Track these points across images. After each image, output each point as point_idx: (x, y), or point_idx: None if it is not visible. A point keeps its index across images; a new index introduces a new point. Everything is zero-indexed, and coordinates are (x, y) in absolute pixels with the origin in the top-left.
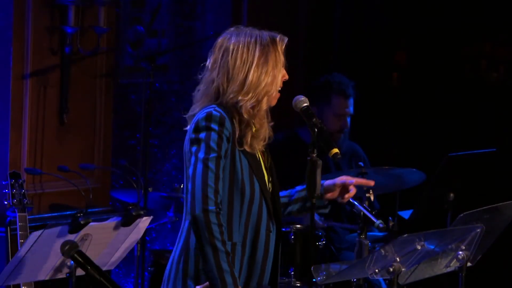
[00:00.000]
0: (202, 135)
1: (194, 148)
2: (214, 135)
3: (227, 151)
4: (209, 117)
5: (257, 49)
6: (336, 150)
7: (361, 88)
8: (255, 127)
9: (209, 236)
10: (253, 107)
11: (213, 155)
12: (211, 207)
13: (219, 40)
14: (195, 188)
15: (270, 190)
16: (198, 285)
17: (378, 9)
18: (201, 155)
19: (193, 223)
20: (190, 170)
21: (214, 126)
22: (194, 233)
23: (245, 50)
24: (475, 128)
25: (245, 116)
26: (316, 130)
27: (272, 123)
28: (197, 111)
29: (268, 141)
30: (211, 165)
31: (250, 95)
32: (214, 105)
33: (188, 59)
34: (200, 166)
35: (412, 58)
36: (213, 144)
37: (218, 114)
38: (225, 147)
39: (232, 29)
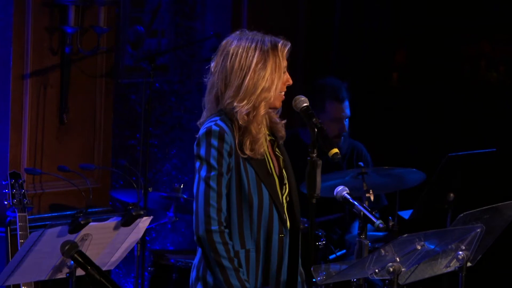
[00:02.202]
0: (203, 152)
1: (197, 165)
2: (214, 152)
3: (230, 165)
4: (209, 133)
5: (256, 55)
6: (335, 150)
7: (361, 88)
8: (252, 132)
9: (215, 256)
10: (248, 113)
11: (213, 173)
12: (214, 227)
13: (223, 43)
14: (198, 208)
15: (287, 191)
16: None
17: (378, 9)
18: (202, 173)
19: (198, 243)
20: (194, 189)
21: (214, 142)
22: (201, 252)
23: (243, 55)
24: (475, 128)
25: (241, 122)
26: (316, 130)
27: (284, 121)
28: (204, 120)
29: (281, 140)
30: (213, 183)
31: (245, 101)
32: (216, 117)
33: (188, 59)
34: (202, 185)
35: (412, 58)
36: (213, 162)
37: (218, 128)
38: (226, 162)
39: (237, 32)
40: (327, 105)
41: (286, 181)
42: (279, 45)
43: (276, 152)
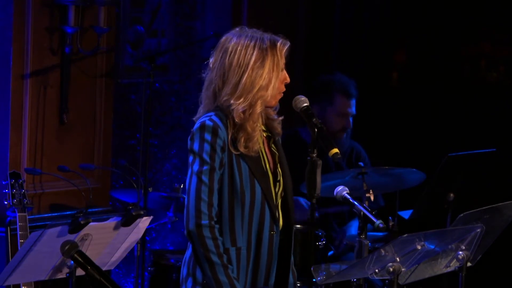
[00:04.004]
0: (196, 146)
1: (190, 159)
2: (207, 147)
3: (223, 160)
4: (202, 128)
5: (255, 53)
6: (336, 150)
7: (361, 88)
8: (248, 130)
9: (204, 251)
10: (244, 111)
11: (206, 167)
12: (204, 221)
13: (222, 39)
14: (189, 202)
15: (281, 187)
16: None
17: (378, 9)
18: (195, 167)
19: (189, 238)
20: (186, 183)
21: (207, 137)
22: (191, 247)
23: (242, 52)
24: (475, 128)
25: (237, 120)
26: (316, 130)
27: (282, 118)
28: (200, 115)
29: (277, 136)
30: (205, 178)
31: (242, 99)
32: (211, 113)
33: (188, 58)
34: (194, 179)
35: (411, 58)
36: (206, 156)
37: (211, 123)
38: (219, 157)
39: (237, 29)
40: (336, 99)
41: (280, 178)
42: (278, 43)
43: (272, 148)
